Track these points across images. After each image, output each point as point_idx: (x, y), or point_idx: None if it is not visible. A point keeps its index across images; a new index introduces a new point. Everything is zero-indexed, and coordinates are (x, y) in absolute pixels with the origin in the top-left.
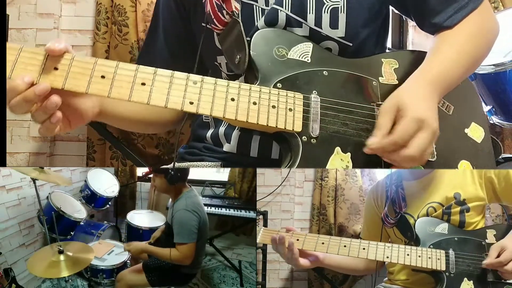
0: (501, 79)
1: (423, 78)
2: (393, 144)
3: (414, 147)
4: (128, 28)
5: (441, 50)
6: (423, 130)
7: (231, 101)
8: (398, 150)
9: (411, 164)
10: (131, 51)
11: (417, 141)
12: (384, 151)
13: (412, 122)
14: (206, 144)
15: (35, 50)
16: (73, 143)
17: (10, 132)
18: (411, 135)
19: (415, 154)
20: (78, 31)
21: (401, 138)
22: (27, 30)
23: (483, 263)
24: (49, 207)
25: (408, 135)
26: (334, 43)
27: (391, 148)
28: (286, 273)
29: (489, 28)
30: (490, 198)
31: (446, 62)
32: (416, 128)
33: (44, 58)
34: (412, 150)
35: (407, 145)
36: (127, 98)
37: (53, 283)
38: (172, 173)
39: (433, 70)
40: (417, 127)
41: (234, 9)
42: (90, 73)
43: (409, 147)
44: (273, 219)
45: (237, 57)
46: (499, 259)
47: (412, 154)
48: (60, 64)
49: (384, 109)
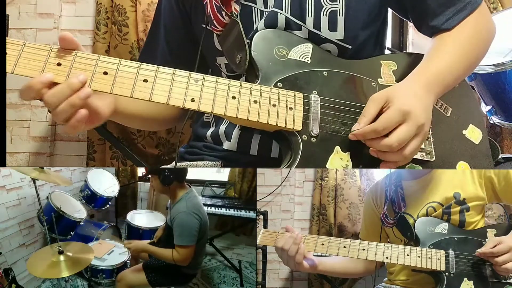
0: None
1: (419, 78)
2: (373, 131)
3: (394, 137)
4: (128, 28)
5: (439, 51)
6: (407, 123)
7: (232, 99)
8: (379, 138)
9: (393, 157)
10: (131, 51)
11: (399, 132)
12: (365, 138)
13: (396, 112)
14: (206, 143)
15: (38, 46)
16: (73, 143)
17: (10, 132)
18: (393, 125)
19: (393, 144)
20: (78, 31)
21: (382, 126)
22: (27, 30)
23: (477, 251)
24: (49, 207)
25: (390, 124)
26: (333, 45)
27: (371, 135)
28: (286, 273)
29: (486, 29)
30: (490, 197)
31: (443, 64)
32: (399, 119)
33: (47, 54)
34: (391, 140)
35: (389, 135)
36: (129, 95)
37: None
38: (166, 174)
39: (430, 71)
40: (400, 119)
41: (234, 11)
42: (92, 69)
43: (389, 136)
44: (273, 219)
45: (237, 57)
46: (492, 249)
47: (390, 143)
48: (63, 60)
49: (372, 98)
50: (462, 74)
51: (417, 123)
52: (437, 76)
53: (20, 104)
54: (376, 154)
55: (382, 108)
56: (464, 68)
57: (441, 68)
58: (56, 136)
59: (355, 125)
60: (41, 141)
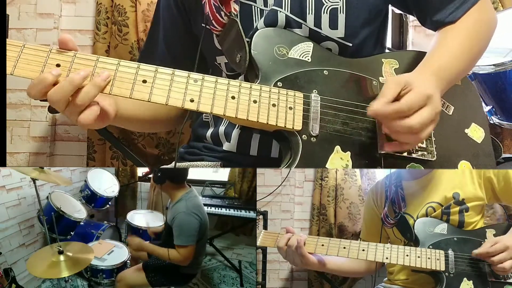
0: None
1: (426, 71)
2: (398, 111)
3: (417, 118)
4: (128, 28)
5: (443, 45)
6: (429, 106)
7: (231, 99)
8: (399, 118)
9: (408, 138)
10: (131, 51)
11: (421, 113)
12: (386, 118)
13: (420, 95)
14: (206, 144)
15: (37, 47)
16: (73, 143)
17: (10, 132)
18: (417, 108)
19: (416, 126)
20: (78, 31)
21: (407, 107)
22: (27, 30)
23: (473, 251)
24: (49, 207)
25: (414, 106)
26: (333, 43)
27: (394, 115)
28: (286, 273)
29: (489, 21)
30: (489, 198)
31: (447, 57)
32: (422, 102)
33: (46, 55)
34: (414, 121)
35: (410, 116)
36: (128, 95)
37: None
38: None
39: (435, 64)
40: (423, 102)
41: (233, 10)
42: (91, 70)
43: (412, 117)
44: (273, 219)
45: (237, 56)
46: (488, 249)
47: (413, 124)
48: (62, 61)
49: (391, 80)
50: (466, 67)
51: (436, 109)
52: (441, 70)
53: (20, 104)
54: (389, 132)
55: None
56: (468, 62)
57: (446, 62)
58: (56, 136)
59: (373, 102)
60: (41, 141)
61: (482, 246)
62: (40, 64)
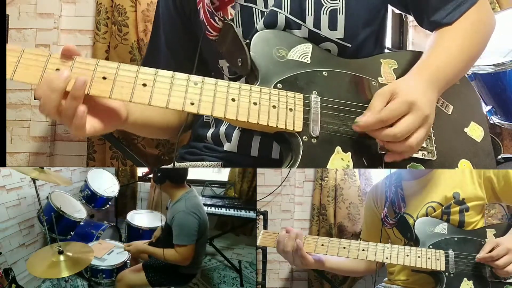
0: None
1: (422, 73)
2: (379, 121)
3: (399, 126)
4: (128, 28)
5: (440, 46)
6: (412, 113)
7: (231, 101)
8: (382, 128)
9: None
10: (131, 51)
11: (403, 122)
12: (369, 129)
13: (401, 103)
14: (206, 144)
15: (37, 52)
16: (73, 143)
17: (10, 132)
18: (398, 115)
19: (397, 134)
20: (78, 31)
21: (387, 117)
22: (27, 30)
23: (476, 256)
24: (49, 207)
25: (395, 114)
26: (333, 44)
27: (376, 125)
28: (286, 273)
29: (487, 22)
30: (490, 197)
31: (445, 58)
32: (405, 109)
33: (46, 60)
34: (397, 129)
35: (393, 125)
36: (128, 99)
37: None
38: (158, 174)
39: (431, 66)
40: (406, 109)
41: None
42: (91, 74)
43: (394, 126)
44: (273, 219)
45: (238, 59)
46: (491, 253)
47: (395, 132)
48: (62, 65)
49: (378, 92)
50: (463, 68)
51: (422, 114)
52: (439, 71)
53: (20, 104)
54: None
55: (387, 103)
56: (465, 62)
57: (443, 63)
58: (56, 136)
59: (359, 117)
60: (41, 141)
61: (483, 250)
62: (39, 69)
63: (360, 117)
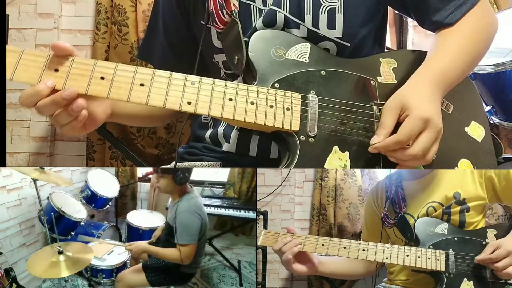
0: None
1: (426, 77)
2: (398, 143)
3: (418, 146)
4: (128, 28)
5: (442, 48)
6: (428, 130)
7: (229, 101)
8: (402, 149)
9: (415, 163)
10: (131, 51)
11: (422, 140)
12: (388, 150)
13: (417, 121)
14: (205, 144)
15: (36, 53)
16: (73, 143)
17: (10, 132)
18: (416, 135)
19: (418, 153)
20: (78, 31)
21: (406, 137)
22: (27, 30)
23: (475, 258)
24: (49, 207)
25: (413, 134)
26: (331, 43)
27: (395, 147)
28: (286, 273)
29: (489, 23)
30: (491, 197)
31: (447, 60)
32: (421, 127)
33: (45, 60)
34: (416, 149)
35: (411, 144)
36: (126, 99)
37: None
38: (181, 175)
39: (435, 68)
40: (422, 127)
41: (233, 8)
42: (89, 75)
43: (413, 146)
44: (273, 219)
45: (235, 57)
46: (491, 255)
47: (416, 153)
48: (60, 66)
49: (388, 107)
50: (466, 70)
51: (436, 128)
52: (442, 73)
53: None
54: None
55: (399, 117)
56: (468, 64)
57: (446, 65)
58: (56, 136)
59: (374, 137)
60: (41, 141)
61: (484, 252)
62: (39, 70)
63: (375, 138)
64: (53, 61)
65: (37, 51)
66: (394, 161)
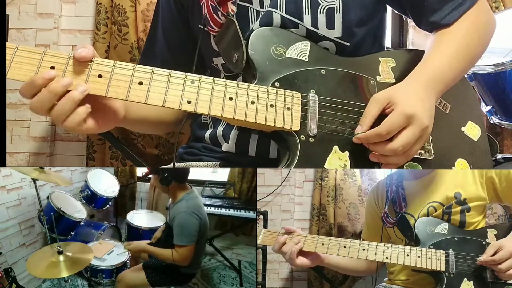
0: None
1: (420, 77)
2: (378, 135)
3: (398, 141)
4: (128, 28)
5: (439, 48)
6: (411, 127)
7: (229, 100)
8: (382, 143)
9: (395, 160)
10: (131, 51)
11: (403, 136)
12: (368, 142)
13: (400, 116)
14: (205, 144)
15: (30, 49)
16: (73, 143)
17: (10, 132)
18: (397, 129)
19: (398, 149)
20: (78, 31)
21: (386, 131)
22: (27, 30)
23: (478, 259)
24: (49, 207)
25: (394, 128)
26: (331, 43)
27: (375, 139)
28: (286, 273)
29: (486, 24)
30: (491, 198)
31: (444, 61)
32: (403, 123)
33: (40, 57)
34: (396, 144)
35: (392, 139)
36: (124, 98)
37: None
38: (164, 175)
39: (431, 69)
40: (405, 122)
41: (230, 11)
42: (87, 72)
43: (394, 141)
44: (273, 219)
45: (234, 56)
46: (494, 257)
47: (395, 148)
48: (57, 63)
49: (374, 99)
50: (463, 70)
51: (421, 126)
52: (438, 74)
53: (20, 104)
54: (377, 159)
55: (384, 109)
56: (465, 64)
57: (442, 66)
58: (56, 136)
59: (358, 127)
60: (41, 141)
61: (486, 253)
62: (33, 67)
63: (358, 128)
64: (49, 58)
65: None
66: (375, 160)
